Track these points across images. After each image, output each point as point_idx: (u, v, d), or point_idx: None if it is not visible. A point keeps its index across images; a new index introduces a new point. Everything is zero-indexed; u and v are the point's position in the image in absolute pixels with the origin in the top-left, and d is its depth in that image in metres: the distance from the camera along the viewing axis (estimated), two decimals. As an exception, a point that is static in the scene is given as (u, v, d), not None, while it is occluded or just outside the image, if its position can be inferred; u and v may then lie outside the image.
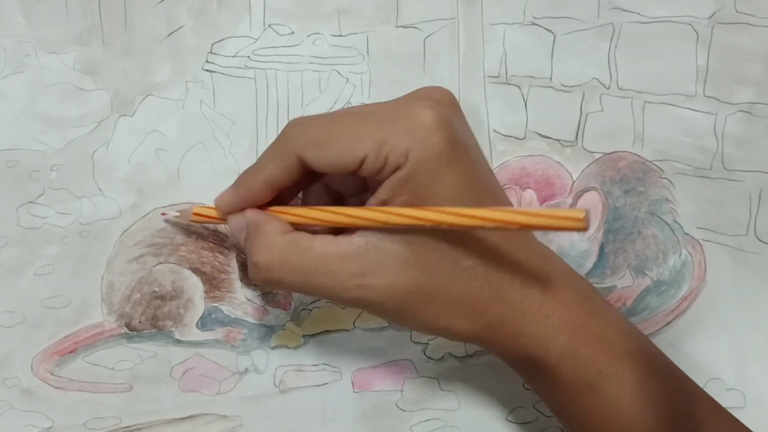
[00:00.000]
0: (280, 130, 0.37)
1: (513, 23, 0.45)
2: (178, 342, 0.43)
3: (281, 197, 0.38)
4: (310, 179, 0.38)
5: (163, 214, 0.42)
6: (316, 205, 0.38)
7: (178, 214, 0.42)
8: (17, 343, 0.41)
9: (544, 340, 0.36)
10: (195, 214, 0.40)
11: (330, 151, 0.35)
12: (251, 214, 0.38)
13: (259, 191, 0.37)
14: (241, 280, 0.43)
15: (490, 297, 0.36)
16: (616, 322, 0.38)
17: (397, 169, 0.34)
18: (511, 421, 0.45)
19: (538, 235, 0.41)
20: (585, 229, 0.31)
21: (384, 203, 0.35)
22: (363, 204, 0.36)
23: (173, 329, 0.43)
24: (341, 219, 0.36)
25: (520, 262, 0.36)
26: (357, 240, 0.35)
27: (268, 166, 0.37)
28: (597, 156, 0.46)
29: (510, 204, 0.40)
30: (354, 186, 0.39)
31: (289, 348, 0.44)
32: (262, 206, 0.38)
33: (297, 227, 0.37)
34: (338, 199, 0.40)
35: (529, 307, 0.36)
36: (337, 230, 0.36)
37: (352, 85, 0.44)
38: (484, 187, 0.36)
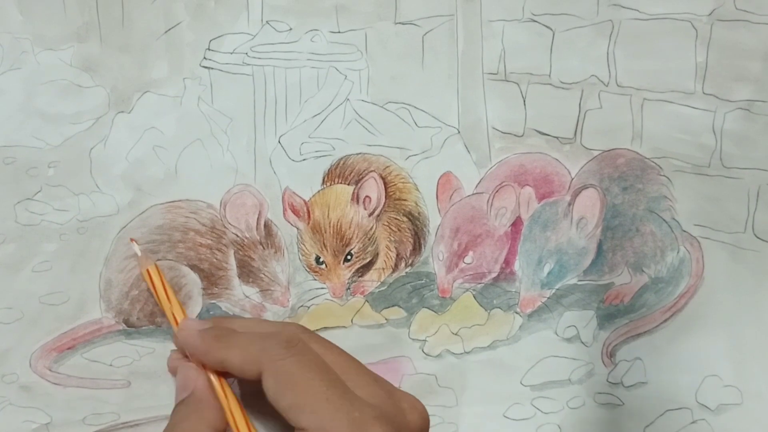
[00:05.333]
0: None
1: (512, 20, 0.45)
2: (177, 338, 0.43)
3: None
4: None
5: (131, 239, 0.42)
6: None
7: (139, 253, 0.42)
8: (15, 339, 0.42)
9: None
10: (149, 272, 0.41)
11: (286, 398, 0.35)
12: (201, 388, 0.38)
13: (217, 366, 0.38)
14: (239, 277, 0.44)
15: None
16: None
17: None
18: (508, 418, 0.46)
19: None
20: None
21: None
22: None
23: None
24: None
25: None
26: None
27: (232, 351, 0.37)
28: (595, 153, 0.46)
29: None
30: None
31: (287, 345, 0.44)
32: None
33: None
34: None
35: None
36: None
37: (350, 81, 0.44)
38: None
